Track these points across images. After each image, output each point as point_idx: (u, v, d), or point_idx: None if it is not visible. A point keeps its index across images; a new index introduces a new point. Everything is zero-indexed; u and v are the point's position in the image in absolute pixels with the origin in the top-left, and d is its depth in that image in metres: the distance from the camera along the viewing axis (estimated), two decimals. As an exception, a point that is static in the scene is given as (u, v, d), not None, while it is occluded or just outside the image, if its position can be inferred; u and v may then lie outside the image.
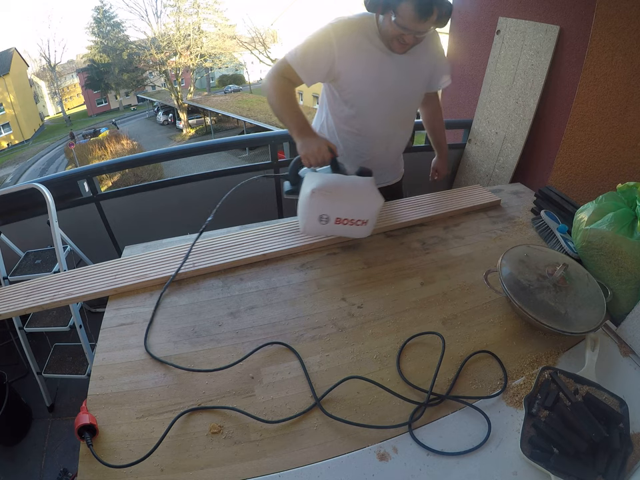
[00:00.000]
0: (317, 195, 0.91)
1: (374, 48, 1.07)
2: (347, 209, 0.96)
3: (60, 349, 1.62)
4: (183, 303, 0.91)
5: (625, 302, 0.89)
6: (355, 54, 1.06)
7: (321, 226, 0.98)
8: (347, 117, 1.18)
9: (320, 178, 0.95)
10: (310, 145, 0.99)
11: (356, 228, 0.99)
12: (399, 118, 1.22)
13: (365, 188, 0.97)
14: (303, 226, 1.00)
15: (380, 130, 1.20)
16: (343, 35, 1.04)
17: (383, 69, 1.09)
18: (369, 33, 1.06)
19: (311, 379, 0.73)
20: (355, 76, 1.09)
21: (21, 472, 1.39)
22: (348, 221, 0.97)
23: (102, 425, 0.66)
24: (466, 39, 2.36)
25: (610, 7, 1.44)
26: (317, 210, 0.95)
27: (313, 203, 0.93)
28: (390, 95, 1.14)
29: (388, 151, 1.30)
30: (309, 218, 0.96)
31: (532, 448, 0.62)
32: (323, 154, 0.99)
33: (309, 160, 1.00)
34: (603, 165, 1.61)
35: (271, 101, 1.08)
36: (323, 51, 1.05)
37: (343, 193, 0.94)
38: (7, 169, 15.88)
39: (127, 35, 20.95)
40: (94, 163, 10.80)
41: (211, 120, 18.81)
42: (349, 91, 1.13)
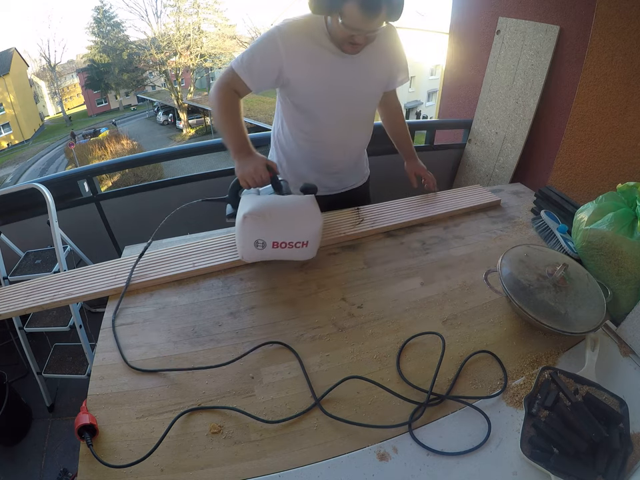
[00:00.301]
0: (249, 220, 0.86)
1: (323, 50, 1.02)
2: (283, 231, 0.90)
3: (60, 349, 1.62)
4: (183, 303, 0.91)
5: (625, 302, 0.89)
6: (304, 57, 1.01)
7: (258, 252, 0.92)
8: (301, 122, 1.14)
9: (253, 201, 0.90)
10: (246, 166, 0.95)
11: (297, 250, 0.93)
12: (356, 120, 1.17)
13: (302, 207, 0.91)
14: (241, 252, 0.94)
15: (335, 134, 1.16)
16: (289, 38, 0.99)
17: (334, 71, 1.05)
18: (317, 34, 1.01)
19: (311, 378, 0.73)
20: (305, 80, 1.05)
21: (21, 472, 1.39)
22: (286, 244, 0.91)
23: (102, 425, 0.66)
24: (466, 38, 2.36)
25: (610, 7, 1.44)
26: (251, 235, 0.89)
27: (245, 228, 0.88)
28: (343, 98, 1.09)
29: (346, 154, 1.24)
30: (245, 244, 0.91)
31: (532, 448, 0.62)
32: (260, 174, 0.95)
33: (246, 181, 0.96)
34: (602, 165, 1.61)
35: (213, 114, 1.04)
36: (270, 56, 1.00)
37: (278, 215, 0.89)
38: (6, 169, 15.89)
39: (127, 35, 20.98)
40: (94, 162, 10.81)
41: (211, 120, 18.77)
42: (300, 96, 1.09)
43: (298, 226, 0.91)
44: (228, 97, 1.03)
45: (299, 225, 0.91)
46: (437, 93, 15.93)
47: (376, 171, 1.48)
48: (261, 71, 1.02)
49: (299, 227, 0.91)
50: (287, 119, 1.17)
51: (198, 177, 1.91)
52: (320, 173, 1.24)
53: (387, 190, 1.41)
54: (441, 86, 2.83)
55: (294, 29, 1.01)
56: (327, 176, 1.26)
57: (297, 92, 1.08)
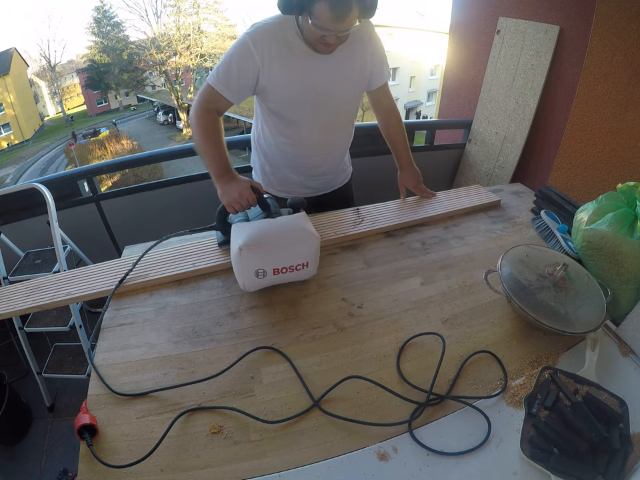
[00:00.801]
0: (245, 252, 0.83)
1: (297, 52, 0.99)
2: (282, 257, 0.87)
3: (60, 349, 1.62)
4: (183, 303, 0.91)
5: (625, 302, 0.89)
6: (279, 62, 0.98)
7: (260, 280, 0.89)
8: (280, 127, 1.12)
9: (245, 230, 0.87)
10: (230, 192, 0.93)
11: (298, 273, 0.91)
12: (336, 122, 1.15)
13: (297, 229, 0.88)
14: (242, 283, 0.90)
15: (315, 137, 1.13)
16: (261, 43, 0.96)
17: (310, 72, 1.02)
18: (289, 36, 0.98)
19: (311, 378, 0.73)
20: (281, 84, 1.02)
21: (21, 472, 1.39)
22: (287, 269, 0.88)
23: (102, 425, 0.66)
24: (466, 38, 2.36)
25: (610, 7, 1.44)
26: (250, 266, 0.86)
27: (243, 260, 0.84)
28: (320, 99, 1.06)
29: (329, 155, 1.22)
30: (245, 276, 0.87)
31: (532, 448, 0.62)
32: (247, 197, 0.93)
33: (233, 207, 0.94)
34: (602, 165, 1.61)
35: (193, 137, 1.02)
36: (246, 66, 0.97)
37: (274, 241, 0.85)
38: (7, 169, 15.89)
39: (127, 35, 20.98)
40: (94, 163, 10.81)
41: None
42: (277, 102, 1.06)
43: (296, 249, 0.88)
44: (207, 117, 1.00)
45: (297, 247, 0.88)
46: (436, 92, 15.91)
47: (376, 170, 1.48)
48: (240, 82, 1.00)
49: (297, 250, 0.88)
50: (267, 124, 1.15)
51: (198, 177, 1.91)
52: (304, 175, 1.23)
53: (387, 190, 1.41)
54: (440, 86, 2.83)
55: (265, 33, 0.97)
56: (310, 178, 1.25)
57: (273, 97, 1.05)
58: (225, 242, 1.05)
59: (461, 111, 2.48)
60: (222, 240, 1.06)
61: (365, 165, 1.48)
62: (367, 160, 1.91)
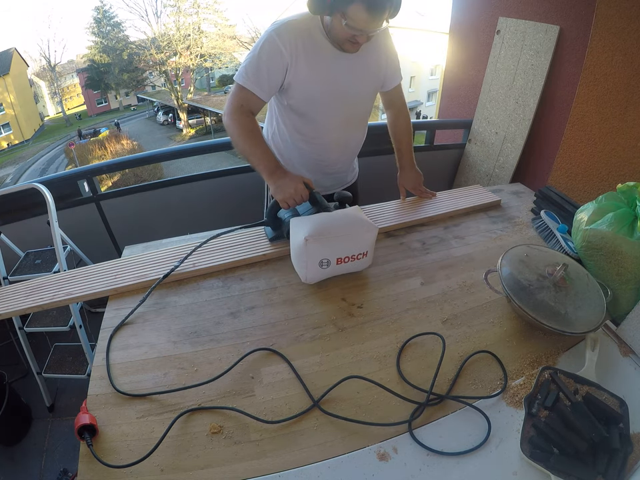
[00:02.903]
0: (312, 242, 0.85)
1: (321, 50, 1.00)
2: (345, 247, 0.91)
3: (60, 349, 1.62)
4: (183, 303, 0.91)
5: (625, 302, 0.89)
6: (305, 59, 0.99)
7: (323, 271, 0.92)
8: (299, 124, 1.13)
9: (308, 222, 0.89)
10: (286, 188, 0.95)
11: (358, 262, 0.95)
12: (353, 119, 1.16)
13: (356, 220, 0.92)
14: (304, 275, 0.93)
15: (334, 134, 1.15)
16: (290, 40, 0.97)
17: (334, 70, 1.04)
18: (314, 34, 0.99)
19: (311, 378, 0.73)
20: (305, 82, 1.03)
21: (21, 472, 1.39)
22: (349, 258, 0.92)
23: (102, 425, 0.66)
24: (466, 38, 2.36)
25: (610, 7, 1.44)
26: (316, 257, 0.89)
27: (309, 250, 0.87)
28: (341, 97, 1.08)
29: (345, 153, 1.24)
30: (309, 267, 0.90)
31: (532, 448, 0.62)
32: (301, 193, 0.95)
33: (288, 203, 0.96)
34: (602, 165, 1.61)
35: (234, 141, 1.02)
36: (276, 63, 0.98)
37: (337, 232, 0.88)
38: (7, 169, 15.89)
39: (127, 35, 20.99)
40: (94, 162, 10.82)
41: (211, 120, 18.81)
42: (299, 99, 1.07)
43: (357, 239, 0.91)
44: (245, 119, 1.01)
45: (358, 237, 0.91)
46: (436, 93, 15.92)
47: (376, 171, 1.48)
48: (270, 79, 1.00)
49: (358, 240, 0.91)
50: (284, 121, 1.16)
51: (198, 177, 1.91)
52: (318, 173, 1.24)
53: (387, 190, 1.41)
54: (440, 86, 2.83)
55: (292, 30, 0.98)
56: (324, 176, 1.26)
57: (296, 94, 1.06)
58: (276, 237, 1.07)
59: (461, 111, 2.48)
60: (273, 235, 1.07)
61: (364, 165, 1.48)
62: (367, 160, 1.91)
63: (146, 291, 0.94)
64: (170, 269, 0.96)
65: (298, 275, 0.96)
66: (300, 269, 0.94)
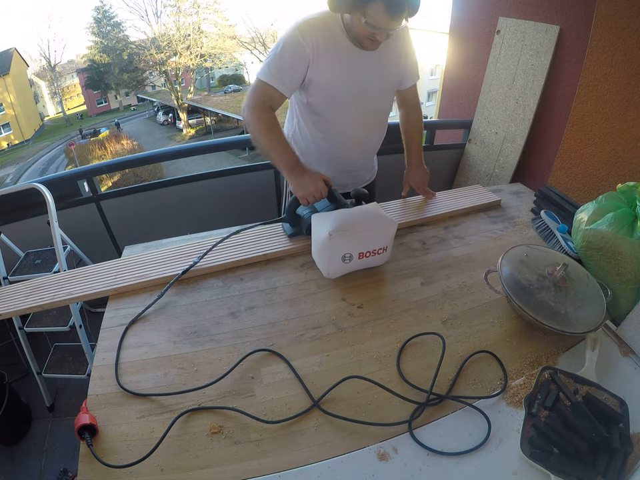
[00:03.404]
0: (336, 237, 0.88)
1: (341, 47, 1.02)
2: (367, 241, 0.93)
3: (60, 349, 1.62)
4: (183, 303, 0.91)
5: (625, 302, 0.89)
6: (326, 56, 1.01)
7: (345, 265, 0.95)
8: (319, 121, 1.14)
9: (331, 218, 0.92)
10: (307, 186, 0.97)
11: (378, 257, 0.97)
12: (373, 117, 1.17)
13: (376, 216, 0.94)
14: (327, 270, 0.95)
15: (354, 132, 1.16)
16: (312, 38, 0.98)
17: (352, 68, 1.05)
18: (335, 31, 1.01)
19: (311, 378, 0.73)
20: (326, 79, 1.04)
21: (21, 472, 1.39)
22: (370, 252, 0.95)
23: (102, 425, 0.66)
24: (466, 38, 2.36)
25: (610, 7, 1.44)
26: (339, 251, 0.92)
27: (333, 245, 0.90)
28: (360, 95, 1.09)
29: (364, 151, 1.26)
30: (332, 261, 0.93)
31: (532, 448, 0.62)
32: (321, 190, 0.97)
33: (308, 200, 0.98)
34: (602, 165, 1.61)
35: (255, 137, 1.02)
36: (298, 59, 0.99)
37: (359, 227, 0.91)
38: (7, 169, 15.89)
39: (127, 35, 21.00)
40: (94, 162, 10.82)
41: (211, 120, 18.82)
42: (319, 96, 1.08)
43: (378, 234, 0.94)
44: (267, 115, 1.02)
45: (379, 232, 0.93)
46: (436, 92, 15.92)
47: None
48: (293, 76, 1.01)
49: (378, 235, 0.94)
50: (304, 119, 1.17)
51: (198, 177, 1.91)
52: (338, 171, 1.25)
53: (386, 191, 1.41)
54: (441, 86, 2.82)
55: (313, 27, 1.00)
56: (344, 174, 1.27)
57: (317, 91, 1.07)
58: (294, 234, 1.08)
59: (461, 111, 2.48)
60: (291, 232, 1.08)
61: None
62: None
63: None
64: (189, 265, 0.98)
65: (320, 270, 0.99)
66: (322, 264, 0.96)
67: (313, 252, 1.00)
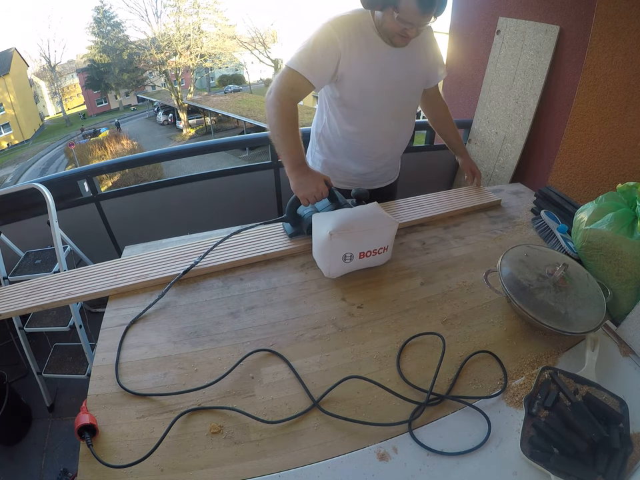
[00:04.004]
0: (336, 237, 0.89)
1: (372, 43, 1.05)
2: (368, 241, 0.94)
3: (60, 349, 1.62)
4: (183, 303, 0.91)
5: (625, 302, 0.89)
6: (358, 51, 1.04)
7: (345, 265, 0.95)
8: (351, 116, 1.15)
9: (331, 217, 0.93)
10: (308, 186, 0.98)
11: (378, 256, 0.98)
12: (402, 113, 1.20)
13: (376, 215, 0.95)
14: (327, 270, 0.96)
15: (385, 127, 1.18)
16: (345, 32, 1.01)
17: (385, 64, 1.07)
18: (366, 28, 1.04)
19: (311, 378, 0.73)
20: (359, 74, 1.06)
21: (21, 472, 1.39)
22: (371, 252, 0.96)
23: (102, 425, 0.66)
24: (466, 38, 2.36)
25: (610, 7, 1.44)
26: (339, 251, 0.92)
27: (333, 245, 0.90)
28: (392, 90, 1.12)
29: (395, 147, 1.28)
30: (333, 260, 0.94)
31: (532, 448, 0.62)
32: (322, 191, 0.99)
33: (309, 200, 1.00)
34: (603, 165, 1.61)
35: (271, 121, 1.03)
36: (330, 51, 1.01)
37: (360, 226, 0.92)
38: (7, 169, 15.89)
39: (127, 35, 20.99)
40: (94, 162, 10.81)
41: (211, 120, 18.81)
42: (352, 90, 1.10)
43: (378, 234, 0.94)
44: (291, 106, 1.02)
45: (379, 232, 0.94)
46: (437, 92, 15.87)
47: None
48: (323, 68, 1.03)
49: (379, 235, 0.95)
50: (336, 115, 1.18)
51: (198, 177, 1.91)
52: (367, 166, 1.26)
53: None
54: (441, 86, 2.82)
55: (347, 23, 1.02)
56: (372, 169, 1.29)
57: (349, 86, 1.09)
58: (295, 233, 1.09)
59: (461, 111, 2.48)
60: (292, 232, 1.09)
61: None
62: None
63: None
64: (190, 265, 0.98)
65: (320, 270, 0.99)
66: (323, 263, 0.97)
67: (314, 252, 1.01)
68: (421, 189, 1.46)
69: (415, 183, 1.77)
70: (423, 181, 1.83)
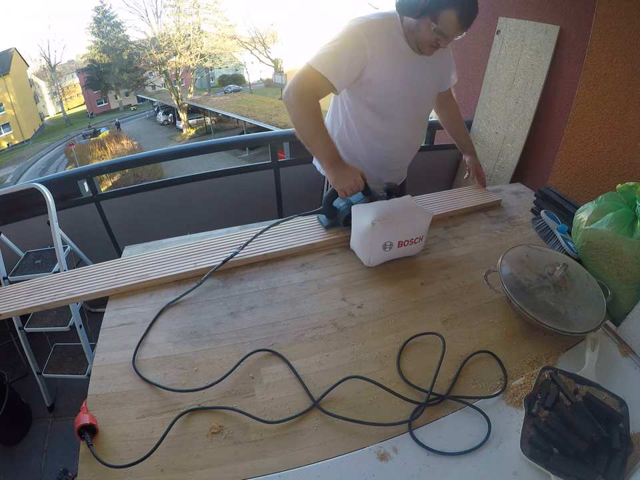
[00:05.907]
0: (378, 226, 0.93)
1: (399, 50, 1.05)
2: (406, 230, 0.98)
3: (60, 349, 1.62)
4: (183, 303, 0.91)
5: (625, 302, 0.89)
6: (386, 56, 1.03)
7: (385, 253, 0.99)
8: (373, 120, 1.15)
9: (372, 208, 0.97)
10: (346, 179, 1.01)
11: (414, 246, 1.02)
12: (420, 118, 1.22)
13: (412, 207, 0.99)
14: (367, 258, 1.00)
15: (406, 133, 1.21)
16: (374, 36, 1.00)
17: (411, 71, 1.08)
18: (394, 34, 1.04)
19: (311, 378, 0.73)
20: (385, 79, 1.06)
21: (21, 472, 1.39)
22: (408, 241, 0.99)
23: (102, 425, 0.66)
24: (466, 38, 2.34)
25: (610, 7, 1.44)
26: (381, 239, 0.96)
27: (375, 234, 0.94)
28: (416, 98, 1.14)
29: (411, 151, 1.31)
30: (374, 249, 0.97)
31: (532, 448, 0.62)
32: (359, 184, 1.01)
33: (346, 193, 1.02)
34: (602, 165, 1.61)
35: (297, 122, 1.02)
36: (358, 57, 1.00)
37: (399, 217, 0.96)
38: (7, 169, 15.89)
39: (127, 35, 20.99)
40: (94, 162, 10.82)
41: (211, 120, 18.81)
42: (378, 96, 1.10)
43: (415, 224, 0.98)
44: (315, 105, 1.02)
45: (416, 222, 0.98)
46: (437, 93, 15.87)
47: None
48: (349, 71, 1.02)
49: (415, 225, 0.98)
50: (356, 118, 1.18)
51: (198, 177, 1.91)
52: (383, 169, 1.28)
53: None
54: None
55: (376, 27, 1.01)
56: (388, 172, 1.31)
57: (375, 91, 1.09)
58: (331, 225, 1.12)
59: (461, 111, 2.46)
60: (328, 223, 1.12)
61: None
62: None
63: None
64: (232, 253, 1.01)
65: (360, 260, 1.03)
66: (364, 252, 1.00)
67: (353, 242, 1.04)
68: (421, 188, 1.46)
69: (415, 183, 1.77)
70: (423, 180, 1.83)
